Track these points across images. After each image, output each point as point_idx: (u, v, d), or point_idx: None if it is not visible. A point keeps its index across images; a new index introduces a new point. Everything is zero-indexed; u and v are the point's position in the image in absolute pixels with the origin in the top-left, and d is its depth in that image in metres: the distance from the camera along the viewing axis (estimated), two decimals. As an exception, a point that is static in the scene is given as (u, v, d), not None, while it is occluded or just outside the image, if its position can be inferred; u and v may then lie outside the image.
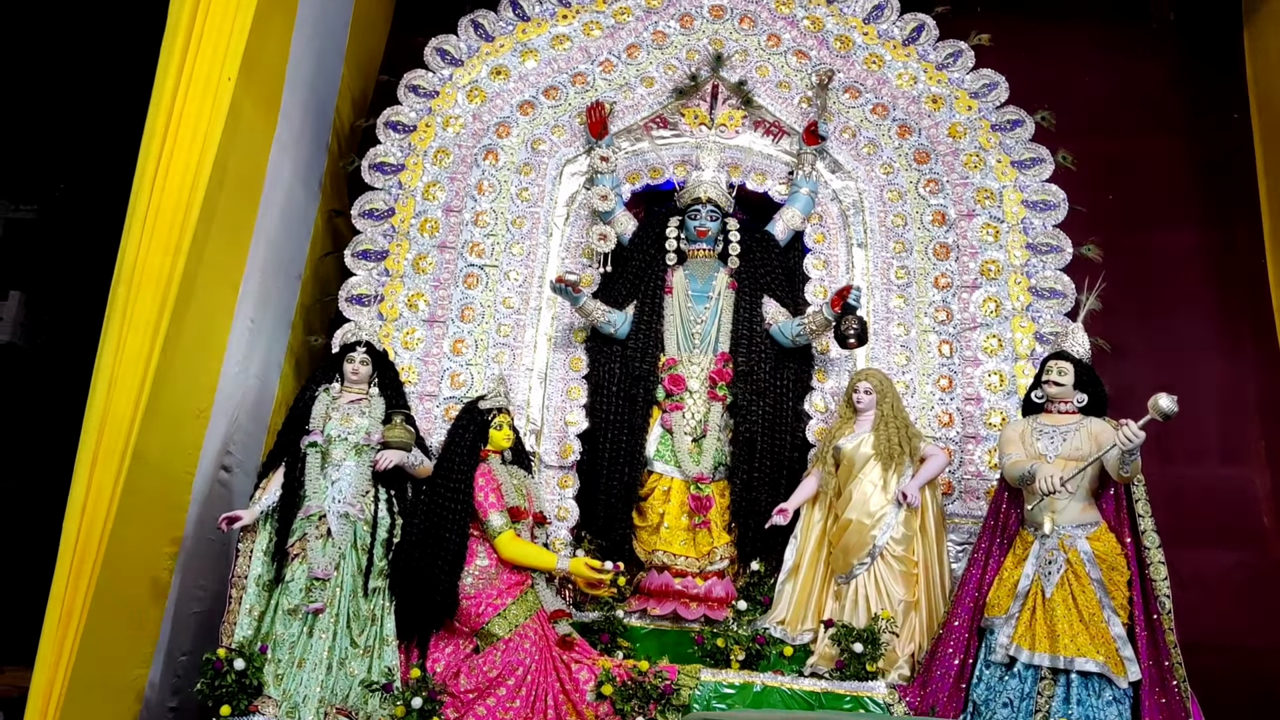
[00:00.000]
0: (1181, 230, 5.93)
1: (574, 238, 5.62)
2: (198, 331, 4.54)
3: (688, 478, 4.98)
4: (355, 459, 4.50)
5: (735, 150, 5.68)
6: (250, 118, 4.79)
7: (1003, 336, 5.28)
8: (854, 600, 4.57)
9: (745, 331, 5.19)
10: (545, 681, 4.26)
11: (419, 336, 5.38)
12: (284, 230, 5.26)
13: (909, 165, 5.60)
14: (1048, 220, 5.44)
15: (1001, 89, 5.64)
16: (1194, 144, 6.04)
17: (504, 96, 5.77)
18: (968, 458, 5.12)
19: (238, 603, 4.28)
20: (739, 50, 5.75)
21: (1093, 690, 3.97)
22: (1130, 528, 4.24)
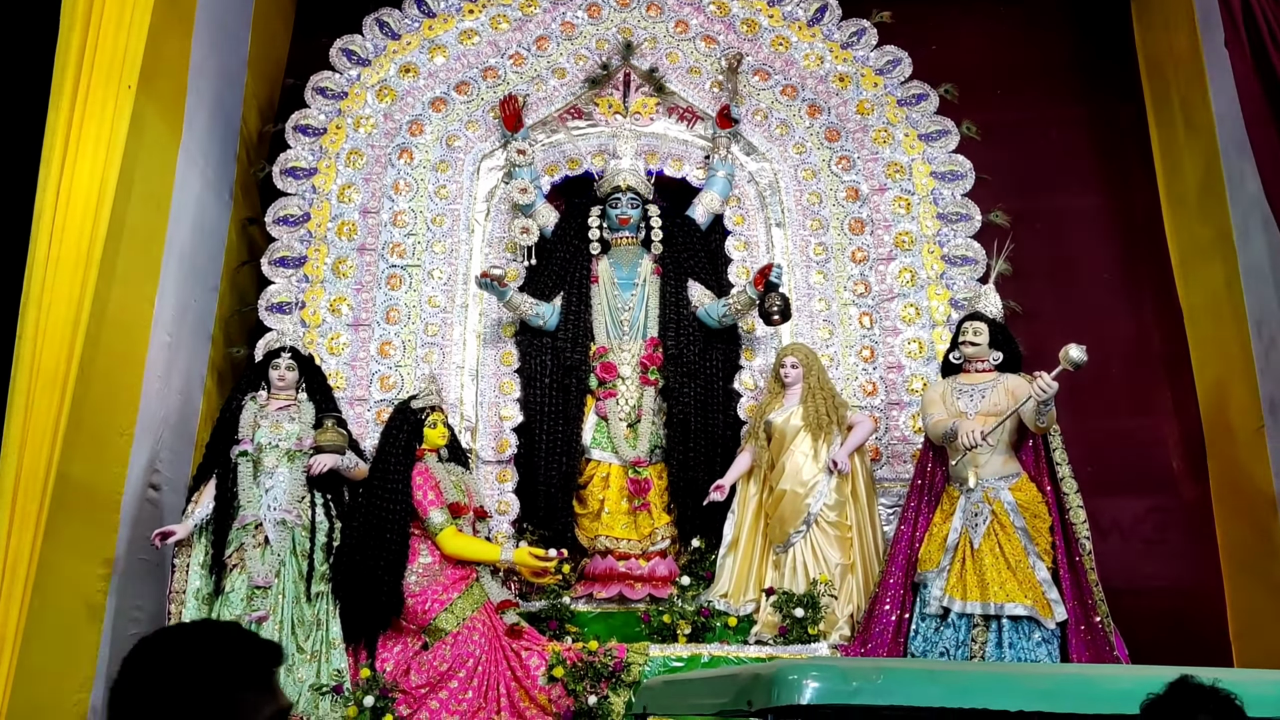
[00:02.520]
0: (1084, 194, 6.17)
1: (496, 233, 5.62)
2: (114, 349, 4.43)
3: (625, 462, 5.04)
4: (288, 465, 4.45)
5: (651, 137, 5.74)
6: (154, 127, 4.68)
7: (919, 305, 5.45)
8: (793, 568, 4.69)
9: (673, 315, 5.27)
10: (496, 671, 4.28)
11: (344, 341, 5.33)
12: (197, 241, 5.16)
13: (821, 144, 5.73)
14: (956, 190, 5.62)
15: (905, 65, 5.81)
16: (1092, 111, 6.28)
17: (415, 94, 5.73)
18: (893, 423, 5.28)
19: (178, 618, 4.22)
20: (648, 38, 5.81)
21: (1023, 633, 4.16)
22: (1049, 476, 4.44)
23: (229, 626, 1.42)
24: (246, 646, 1.38)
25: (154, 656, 1.35)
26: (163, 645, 1.37)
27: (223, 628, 1.41)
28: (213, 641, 1.37)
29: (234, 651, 1.36)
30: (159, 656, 1.35)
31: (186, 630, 1.42)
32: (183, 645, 1.37)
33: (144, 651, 1.37)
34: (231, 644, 1.37)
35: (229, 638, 1.38)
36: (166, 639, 1.39)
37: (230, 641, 1.37)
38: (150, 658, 1.36)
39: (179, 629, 1.43)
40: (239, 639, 1.39)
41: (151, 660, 1.35)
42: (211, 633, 1.39)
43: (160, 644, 1.38)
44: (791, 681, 1.87)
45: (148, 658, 1.36)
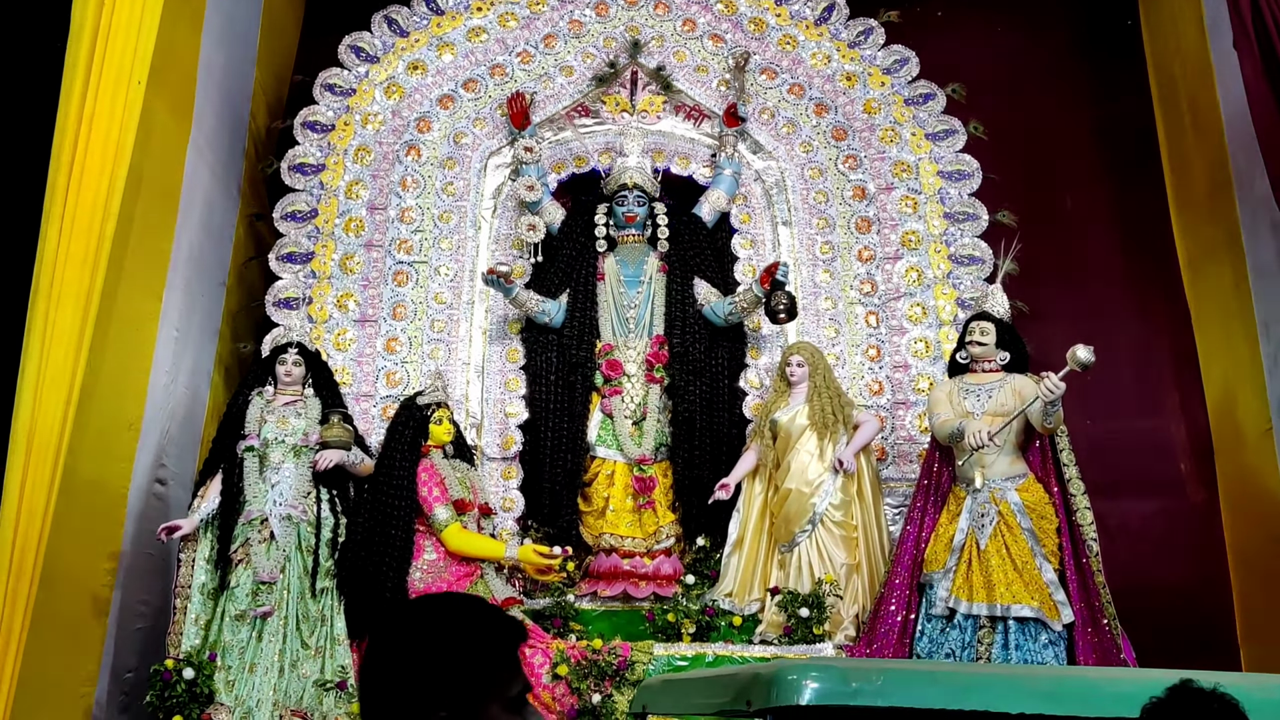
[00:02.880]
0: (1092, 195, 6.15)
1: (502, 230, 5.63)
2: (123, 343, 4.45)
3: (630, 460, 5.05)
4: (294, 461, 4.46)
5: (658, 135, 5.74)
6: (163, 123, 4.70)
7: (926, 304, 5.44)
8: (798, 567, 4.68)
9: (679, 313, 5.27)
10: (500, 668, 4.28)
11: (351, 337, 5.34)
12: (205, 237, 5.18)
13: (827, 143, 5.72)
14: (963, 189, 5.61)
15: (912, 64, 5.79)
16: (1099, 111, 6.26)
17: (423, 91, 5.74)
18: (899, 423, 5.27)
19: (183, 613, 4.23)
20: (655, 36, 5.81)
21: (1029, 635, 4.14)
22: (1056, 477, 4.43)
23: (479, 601, 1.44)
24: (500, 621, 1.39)
25: (413, 626, 1.37)
26: (421, 616, 1.39)
27: (475, 602, 1.43)
28: (470, 615, 1.38)
29: (489, 625, 1.37)
30: (418, 626, 1.37)
31: (443, 601, 1.43)
32: (441, 616, 1.38)
33: (402, 621, 1.39)
34: (487, 618, 1.38)
35: (485, 612, 1.40)
36: (424, 610, 1.41)
37: (486, 616, 1.39)
38: (409, 627, 1.37)
39: (434, 600, 1.44)
40: (493, 614, 1.40)
41: (410, 630, 1.37)
42: (467, 606, 1.41)
43: (418, 614, 1.40)
44: (791, 682, 1.87)
45: (406, 627, 1.38)
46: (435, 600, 1.44)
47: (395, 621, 1.39)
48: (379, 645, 1.38)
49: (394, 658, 1.34)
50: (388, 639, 1.37)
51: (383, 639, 1.38)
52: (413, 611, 1.41)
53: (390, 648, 1.36)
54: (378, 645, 1.38)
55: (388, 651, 1.35)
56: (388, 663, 1.34)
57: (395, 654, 1.34)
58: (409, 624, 1.38)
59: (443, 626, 1.36)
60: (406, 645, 1.35)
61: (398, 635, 1.36)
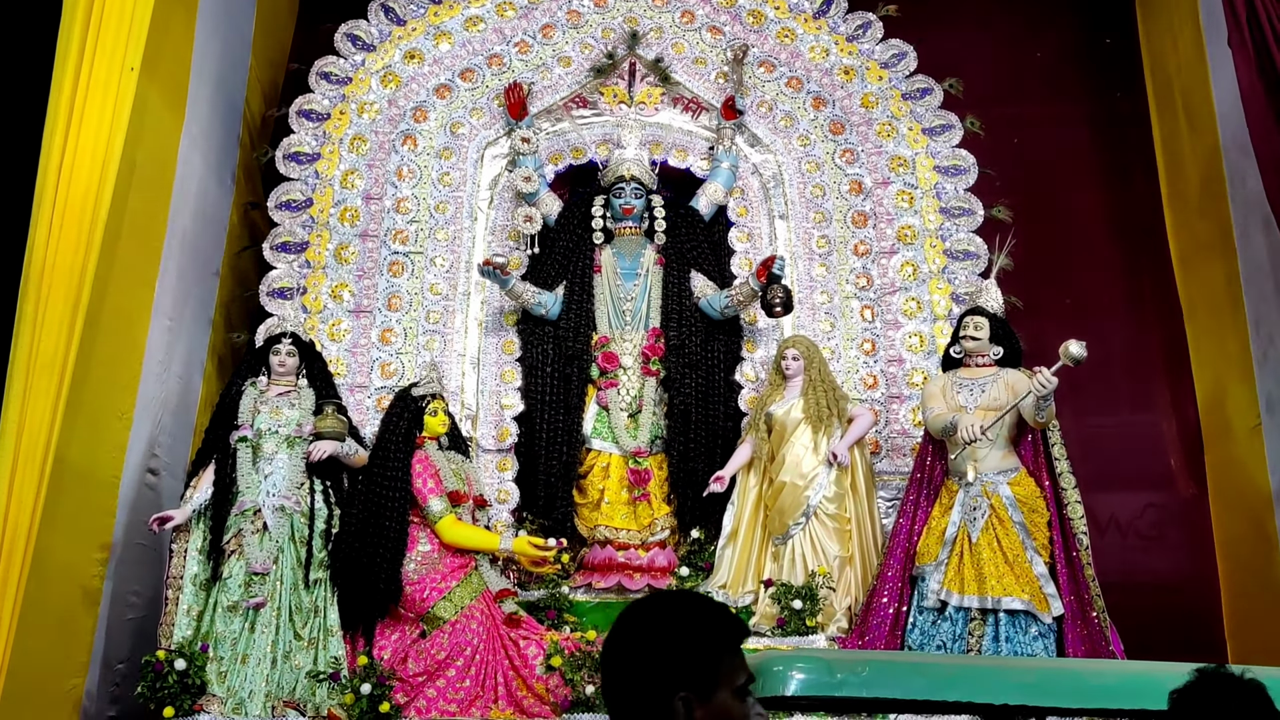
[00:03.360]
0: (1086, 191, 6.17)
1: (499, 221, 5.61)
2: (115, 332, 4.42)
3: (625, 453, 5.05)
4: (288, 451, 4.45)
5: (656, 127, 5.73)
6: (157, 110, 4.66)
7: (921, 299, 5.45)
8: (791, 559, 4.70)
9: (675, 306, 5.27)
10: (494, 660, 4.29)
11: (345, 328, 5.32)
12: (198, 225, 5.14)
13: (825, 136, 5.72)
14: (959, 185, 5.62)
15: (910, 58, 5.79)
16: (1095, 107, 6.28)
17: (419, 80, 5.71)
18: (893, 417, 5.28)
19: (175, 603, 4.21)
20: (654, 27, 5.79)
21: (1020, 627, 4.18)
22: (1048, 471, 4.46)
23: (706, 598, 1.57)
24: (729, 616, 1.53)
25: (651, 618, 1.50)
26: (659, 608, 1.52)
27: (704, 598, 1.56)
28: (702, 608, 1.51)
29: (720, 618, 1.51)
30: (656, 618, 1.50)
31: (677, 597, 1.55)
32: (676, 610, 1.51)
33: (641, 613, 1.52)
34: (717, 612, 1.52)
35: (714, 606, 1.54)
36: (662, 603, 1.54)
37: (715, 610, 1.52)
38: (647, 619, 1.51)
39: (668, 596, 1.57)
40: (721, 609, 1.54)
41: (649, 621, 1.50)
42: (699, 601, 1.54)
43: (656, 607, 1.52)
44: (777, 673, 1.88)
45: (645, 618, 1.51)
46: (674, 596, 1.57)
47: (640, 612, 1.52)
48: (625, 632, 1.51)
49: (641, 644, 1.48)
50: (635, 627, 1.50)
51: (630, 627, 1.51)
52: (656, 604, 1.53)
53: (637, 635, 1.49)
54: (624, 632, 1.51)
55: (635, 638, 1.49)
56: (634, 648, 1.48)
57: (643, 640, 1.48)
58: (654, 615, 1.51)
59: (684, 618, 1.49)
60: (653, 633, 1.48)
61: (645, 624, 1.50)
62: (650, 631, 1.48)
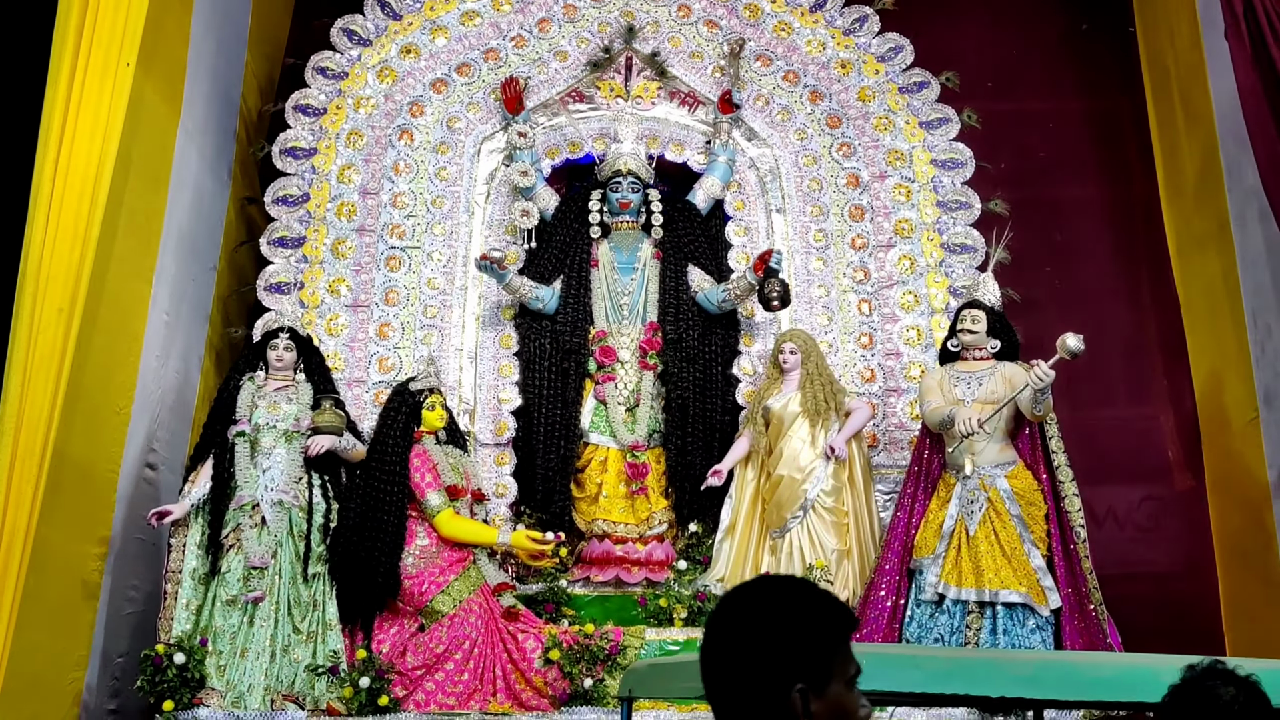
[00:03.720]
0: (1083, 184, 6.18)
1: (496, 215, 5.61)
2: (112, 327, 4.42)
3: (623, 446, 5.06)
4: (286, 446, 4.46)
5: (652, 122, 5.72)
6: (153, 106, 4.66)
7: (918, 292, 5.46)
8: (789, 553, 4.71)
9: (672, 300, 5.27)
10: (492, 653, 4.30)
11: (343, 322, 5.32)
12: (195, 220, 5.14)
13: (822, 130, 5.72)
14: (956, 178, 5.62)
15: (907, 52, 5.79)
16: (1092, 100, 6.28)
17: (416, 75, 5.71)
18: (890, 410, 5.29)
19: (173, 598, 4.22)
20: (650, 21, 5.78)
21: (1017, 620, 4.19)
22: (1045, 464, 4.47)
23: (814, 585, 1.48)
24: (840, 605, 1.45)
25: (763, 606, 1.42)
26: (770, 596, 1.43)
27: (812, 585, 1.47)
28: (814, 596, 1.43)
29: (832, 607, 1.43)
30: (769, 606, 1.41)
31: (787, 585, 1.46)
32: (789, 598, 1.42)
33: (750, 601, 1.43)
34: (828, 600, 1.44)
35: (824, 594, 1.45)
36: (772, 590, 1.44)
37: (827, 598, 1.44)
38: (759, 607, 1.42)
39: (775, 583, 1.47)
40: (830, 597, 1.45)
41: (761, 610, 1.41)
42: (809, 589, 1.45)
43: (767, 595, 1.43)
44: None
45: (756, 607, 1.42)
46: (782, 583, 1.46)
47: (750, 600, 1.43)
48: (735, 622, 1.42)
49: (755, 634, 1.39)
50: (746, 616, 1.42)
51: (740, 616, 1.42)
52: (766, 592, 1.44)
53: (749, 625, 1.40)
54: (734, 622, 1.42)
55: (747, 628, 1.40)
56: (747, 638, 1.39)
57: (756, 630, 1.39)
58: (766, 603, 1.42)
59: (798, 606, 1.41)
60: (768, 623, 1.39)
61: (757, 612, 1.41)
62: (764, 620, 1.40)
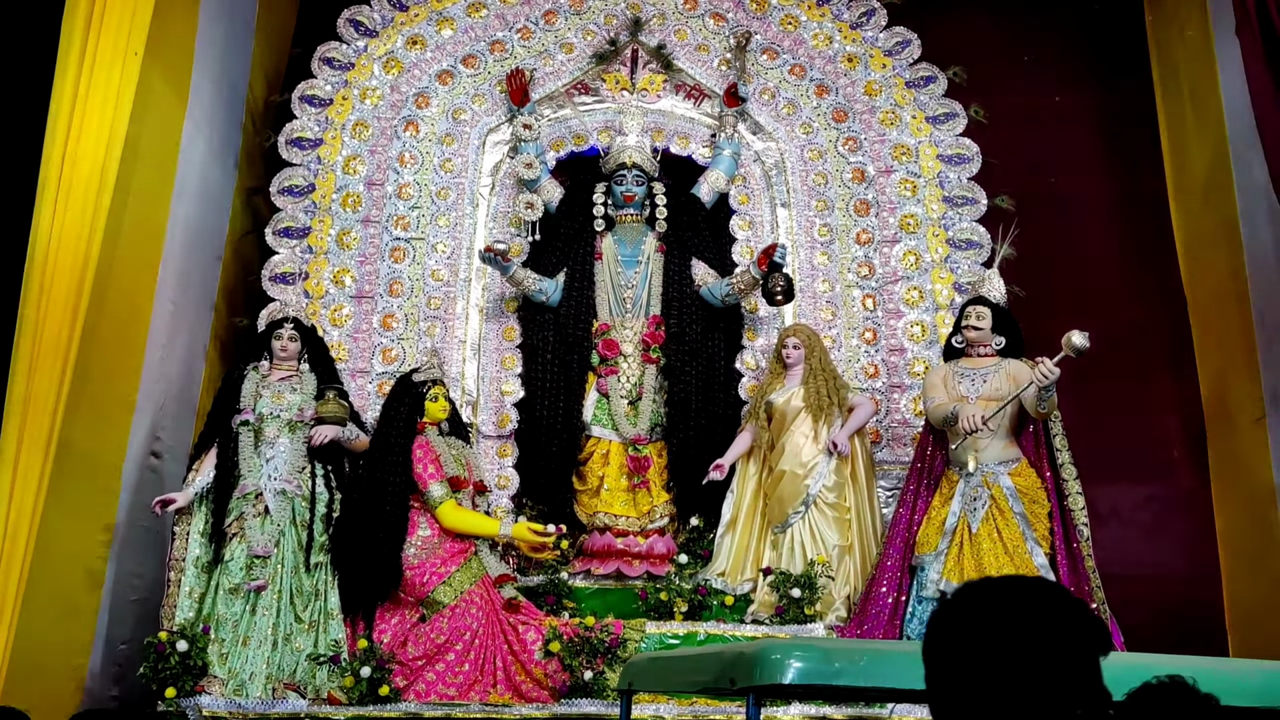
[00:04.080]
0: (1090, 180, 6.13)
1: (500, 207, 5.61)
2: (118, 316, 4.44)
3: (625, 440, 5.06)
4: (289, 436, 4.47)
5: (657, 115, 5.71)
6: (160, 95, 4.67)
7: (923, 288, 5.44)
8: (790, 548, 4.70)
9: (676, 294, 5.26)
10: (493, 644, 4.32)
11: (347, 313, 5.33)
12: (201, 210, 5.16)
13: (828, 124, 5.70)
14: (962, 174, 5.60)
15: (914, 46, 5.76)
16: (1100, 97, 6.23)
17: (422, 66, 5.71)
18: (894, 406, 5.28)
19: (177, 585, 4.24)
20: (657, 14, 5.77)
21: (1018, 618, 4.17)
22: (1049, 462, 4.45)
23: (1068, 592, 1.30)
24: (1095, 617, 1.27)
25: (1036, 617, 1.22)
26: (1037, 606, 1.23)
27: (1067, 593, 1.29)
28: (1078, 608, 1.25)
29: (1092, 617, 1.25)
30: (1042, 618, 1.22)
31: (1048, 593, 1.25)
32: (1059, 609, 1.24)
33: (1019, 610, 1.23)
34: (1085, 609, 1.26)
35: (1082, 604, 1.27)
36: (1038, 599, 1.24)
37: (1088, 611, 1.27)
38: (1033, 618, 1.22)
39: (1035, 591, 1.25)
40: (1085, 605, 1.28)
41: (1035, 622, 1.22)
42: (1071, 599, 1.27)
43: (1033, 604, 1.24)
44: (775, 661, 1.88)
45: (1028, 617, 1.22)
46: (1043, 591, 1.25)
47: (1018, 609, 1.22)
48: (1002, 633, 1.21)
49: (1033, 647, 1.19)
50: (1019, 626, 1.21)
51: (1010, 626, 1.21)
52: (1031, 600, 1.23)
53: (1024, 637, 1.20)
54: (1001, 633, 1.21)
55: (1022, 639, 1.20)
56: (1023, 651, 1.20)
57: (1034, 643, 1.19)
58: (1038, 614, 1.22)
59: (1070, 620, 1.22)
60: (1046, 636, 1.20)
61: (1032, 625, 1.21)
62: (1042, 633, 1.19)
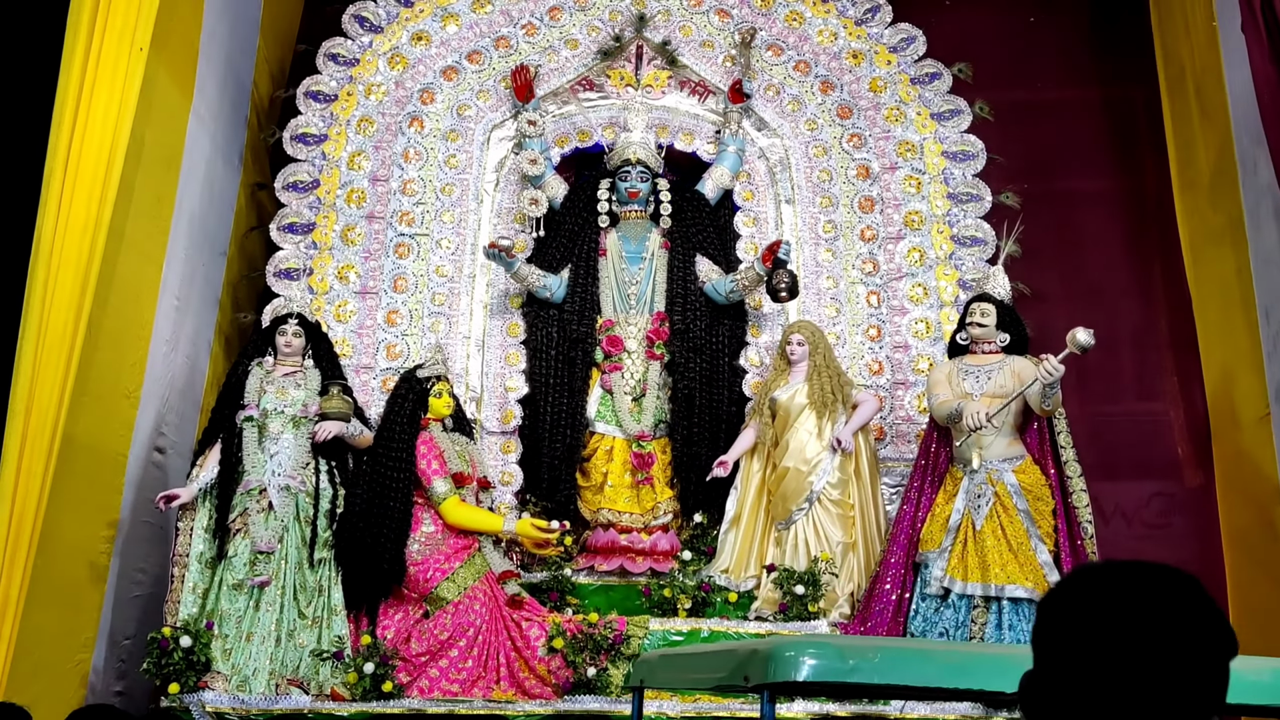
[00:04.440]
0: (1095, 177, 6.13)
1: (505, 203, 5.61)
2: (122, 311, 4.44)
3: (629, 436, 5.06)
4: (293, 432, 4.47)
5: (662, 111, 5.71)
6: (165, 90, 4.67)
7: (927, 285, 5.43)
8: (794, 545, 4.70)
9: (680, 290, 5.26)
10: (496, 640, 4.32)
11: (351, 309, 5.33)
12: (206, 206, 5.16)
13: (832, 121, 5.69)
14: (967, 170, 5.59)
15: (919, 43, 5.75)
16: (1105, 93, 6.23)
17: (426, 63, 5.70)
18: (898, 403, 5.27)
19: (180, 581, 4.25)
20: (661, 10, 5.76)
21: (1023, 615, 4.18)
22: (1053, 459, 4.45)
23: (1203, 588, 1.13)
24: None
25: (1191, 618, 1.07)
26: (1191, 607, 1.08)
27: (1203, 589, 1.12)
28: (1216, 611, 1.09)
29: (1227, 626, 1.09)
30: (1196, 619, 1.07)
31: (1194, 595, 1.09)
32: (1207, 610, 1.08)
33: (1172, 610, 1.07)
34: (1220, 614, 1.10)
35: (1214, 604, 1.12)
36: (1189, 600, 1.09)
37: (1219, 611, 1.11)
38: (1185, 619, 1.07)
39: (1185, 591, 1.08)
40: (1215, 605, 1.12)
41: (1192, 624, 1.07)
42: (1208, 598, 1.11)
43: (1185, 605, 1.08)
44: (788, 658, 1.87)
45: (1182, 618, 1.07)
46: (1189, 593, 1.08)
47: (1171, 609, 1.05)
48: (1157, 633, 1.05)
49: (1192, 649, 1.05)
50: (1176, 626, 1.05)
51: (1167, 626, 1.05)
52: (1183, 601, 1.07)
53: (1183, 639, 1.05)
54: (1155, 633, 1.05)
55: (1181, 642, 1.05)
56: (1181, 652, 1.04)
57: (1192, 645, 1.05)
58: (1193, 616, 1.06)
59: (1218, 619, 1.07)
60: (1200, 640, 1.05)
61: (1188, 627, 1.06)
62: (1202, 639, 1.05)
